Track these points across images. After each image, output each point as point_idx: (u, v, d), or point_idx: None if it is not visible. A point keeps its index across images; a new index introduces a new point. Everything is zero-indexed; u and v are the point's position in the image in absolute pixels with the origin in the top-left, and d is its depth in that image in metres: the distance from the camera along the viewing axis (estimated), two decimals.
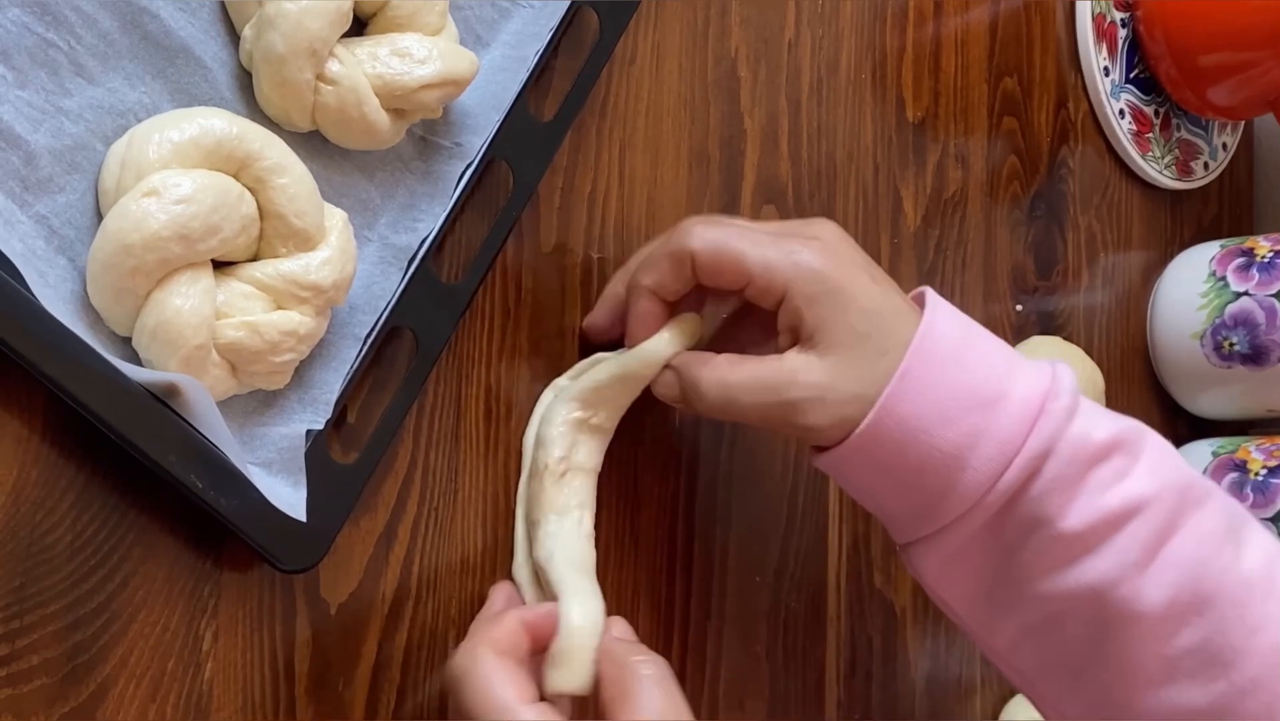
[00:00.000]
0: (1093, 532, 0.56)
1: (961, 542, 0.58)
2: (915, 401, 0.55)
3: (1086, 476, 0.56)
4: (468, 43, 0.58)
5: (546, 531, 0.58)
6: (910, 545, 0.60)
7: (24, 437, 0.46)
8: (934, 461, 0.56)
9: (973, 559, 0.58)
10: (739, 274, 0.56)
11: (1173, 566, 0.56)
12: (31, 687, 0.46)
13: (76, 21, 0.48)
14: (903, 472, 0.56)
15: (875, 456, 0.56)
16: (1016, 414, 0.56)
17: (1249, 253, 0.90)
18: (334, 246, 0.51)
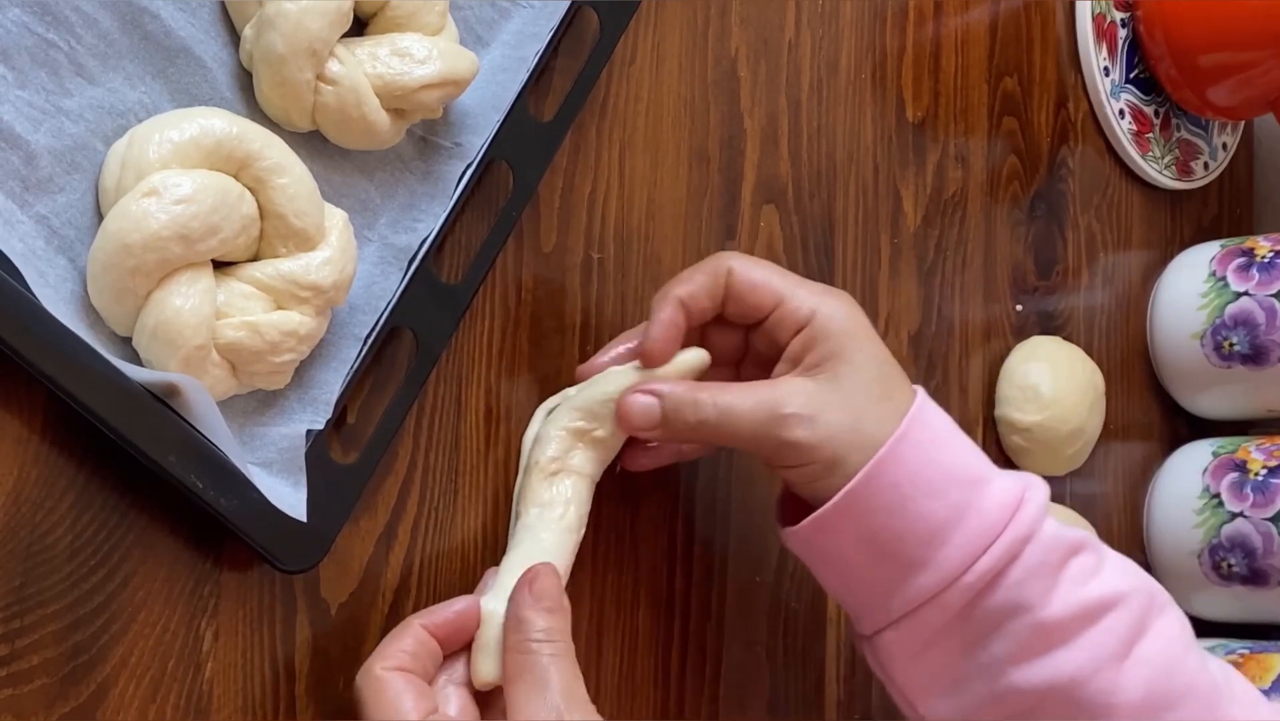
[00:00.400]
0: (1072, 622, 0.57)
1: (933, 630, 0.58)
2: (907, 467, 0.56)
3: (1066, 565, 0.58)
4: (468, 43, 0.58)
5: (523, 524, 0.57)
6: (878, 634, 0.59)
7: (24, 437, 0.46)
8: (916, 532, 0.56)
9: (944, 648, 0.58)
10: (771, 294, 0.58)
11: (1146, 663, 0.58)
12: (32, 687, 0.46)
13: (77, 21, 0.48)
14: (884, 541, 0.57)
15: (858, 521, 0.57)
16: (1000, 499, 0.57)
17: (1249, 253, 0.90)
18: (334, 246, 0.51)
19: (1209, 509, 0.88)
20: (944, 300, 0.80)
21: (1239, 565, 0.86)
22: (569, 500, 0.57)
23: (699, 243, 0.68)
